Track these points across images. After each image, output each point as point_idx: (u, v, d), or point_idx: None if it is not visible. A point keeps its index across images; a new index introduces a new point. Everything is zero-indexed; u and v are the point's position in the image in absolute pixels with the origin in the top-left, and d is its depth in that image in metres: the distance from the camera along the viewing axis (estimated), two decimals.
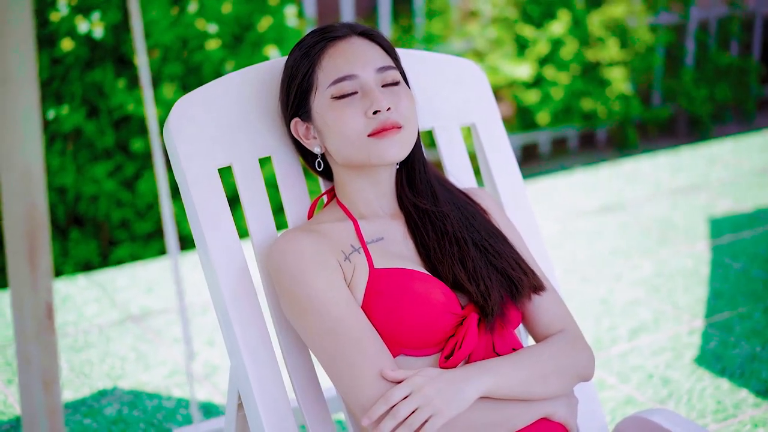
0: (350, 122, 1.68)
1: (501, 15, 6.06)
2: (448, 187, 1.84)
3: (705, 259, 3.84)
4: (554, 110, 6.14)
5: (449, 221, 1.76)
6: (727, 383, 2.94)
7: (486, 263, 1.72)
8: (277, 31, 4.44)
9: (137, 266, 3.83)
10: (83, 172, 4.33)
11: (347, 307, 1.62)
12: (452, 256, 1.71)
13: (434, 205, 1.78)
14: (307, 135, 1.78)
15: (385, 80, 1.72)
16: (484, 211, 1.85)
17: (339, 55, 1.72)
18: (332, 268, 1.65)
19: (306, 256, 1.65)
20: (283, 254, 1.67)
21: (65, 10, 4.10)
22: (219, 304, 1.78)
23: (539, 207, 4.50)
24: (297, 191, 1.89)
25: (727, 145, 5.43)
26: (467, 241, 1.74)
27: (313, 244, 1.67)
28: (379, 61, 1.73)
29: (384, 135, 1.68)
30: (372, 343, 1.61)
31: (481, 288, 1.68)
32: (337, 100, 1.70)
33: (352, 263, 1.68)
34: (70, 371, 3.00)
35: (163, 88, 4.22)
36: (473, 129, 2.09)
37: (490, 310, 1.66)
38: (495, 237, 1.78)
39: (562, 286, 3.61)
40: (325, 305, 1.62)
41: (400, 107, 1.70)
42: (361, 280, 1.67)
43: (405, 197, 1.79)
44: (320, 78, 1.72)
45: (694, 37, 6.84)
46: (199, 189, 1.79)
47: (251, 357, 1.76)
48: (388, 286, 1.65)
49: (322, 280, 1.63)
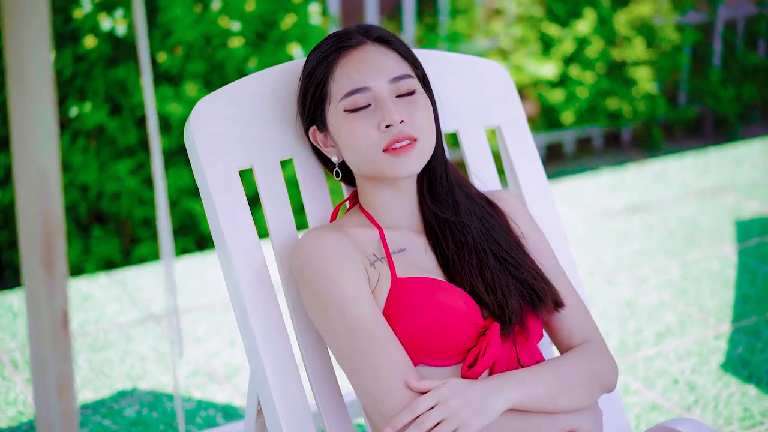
0: (363, 137, 1.65)
1: (526, 13, 6.01)
2: (470, 194, 1.81)
3: (732, 262, 3.79)
4: (579, 110, 6.08)
5: (469, 232, 1.72)
6: (755, 390, 2.89)
7: (505, 273, 1.69)
8: (300, 29, 4.41)
9: (159, 265, 3.81)
10: (106, 169, 4.32)
11: (369, 308, 1.59)
12: (471, 267, 1.68)
13: (455, 215, 1.75)
14: (326, 143, 1.75)
15: (400, 90, 1.68)
16: (506, 217, 1.81)
17: (351, 66, 1.68)
18: (357, 267, 1.62)
19: (331, 252, 1.62)
20: (308, 250, 1.64)
21: (89, 6, 4.09)
22: (238, 306, 1.75)
23: (565, 207, 4.46)
24: (319, 194, 1.86)
25: (755, 145, 5.37)
26: (487, 252, 1.71)
27: (340, 242, 1.64)
28: (393, 71, 1.68)
29: (399, 153, 1.64)
30: (396, 349, 1.58)
31: (498, 297, 1.65)
32: (351, 113, 1.67)
33: (377, 270, 1.66)
34: (90, 371, 2.99)
35: (185, 86, 4.20)
36: (498, 131, 2.06)
37: (508, 318, 1.63)
38: (515, 248, 1.75)
39: (587, 288, 3.57)
40: (350, 303, 1.59)
41: (415, 118, 1.66)
42: (384, 289, 1.64)
43: (426, 206, 1.76)
44: (333, 89, 1.69)
45: (721, 37, 6.76)
46: (219, 190, 1.77)
47: (271, 361, 1.73)
48: (410, 295, 1.62)
49: (345, 277, 1.60)
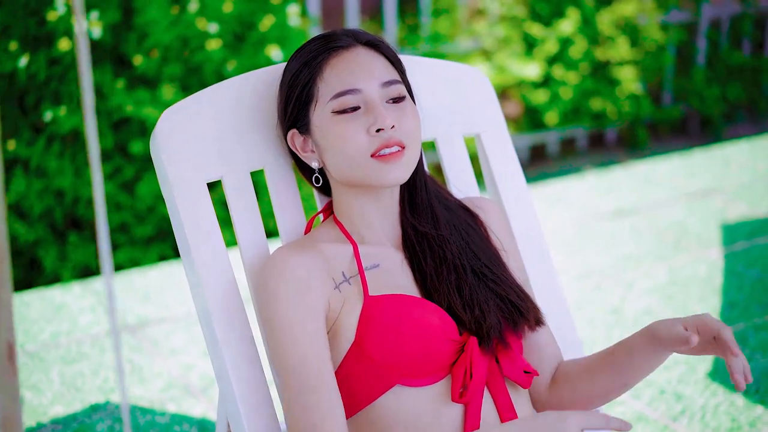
0: (352, 140, 1.58)
1: (509, 13, 5.95)
2: (449, 205, 1.74)
3: (719, 267, 3.73)
4: (563, 110, 6.03)
5: (448, 247, 1.65)
6: (742, 399, 2.83)
7: (484, 288, 1.63)
8: (279, 31, 4.33)
9: (134, 273, 3.73)
10: (81, 174, 4.23)
11: (312, 348, 1.53)
12: (449, 284, 1.61)
13: (434, 228, 1.68)
14: (305, 148, 1.67)
15: (390, 95, 1.61)
16: (485, 228, 1.75)
17: (342, 67, 1.61)
18: (314, 299, 1.55)
19: (289, 280, 1.55)
20: (267, 275, 1.58)
21: (63, 9, 4.01)
22: (206, 325, 1.68)
23: (551, 210, 4.39)
24: (291, 207, 1.78)
25: (742, 146, 5.31)
26: (465, 267, 1.64)
27: (302, 268, 1.56)
28: (384, 75, 1.62)
29: (387, 160, 1.57)
30: (330, 394, 1.52)
31: (476, 314, 1.58)
32: (339, 114, 1.59)
33: (342, 294, 1.58)
34: (62, 385, 2.90)
35: (162, 90, 4.12)
36: (478, 139, 1.99)
37: (485, 334, 1.56)
38: (495, 262, 1.69)
39: (574, 294, 3.51)
40: (292, 339, 1.53)
41: (404, 125, 1.60)
42: (355, 308, 1.57)
43: (405, 219, 1.69)
44: (321, 90, 1.61)
45: (705, 36, 6.72)
46: (186, 204, 1.69)
47: (240, 384, 1.66)
48: (384, 313, 1.55)
49: (294, 312, 1.54)
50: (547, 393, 1.74)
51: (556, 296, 1.96)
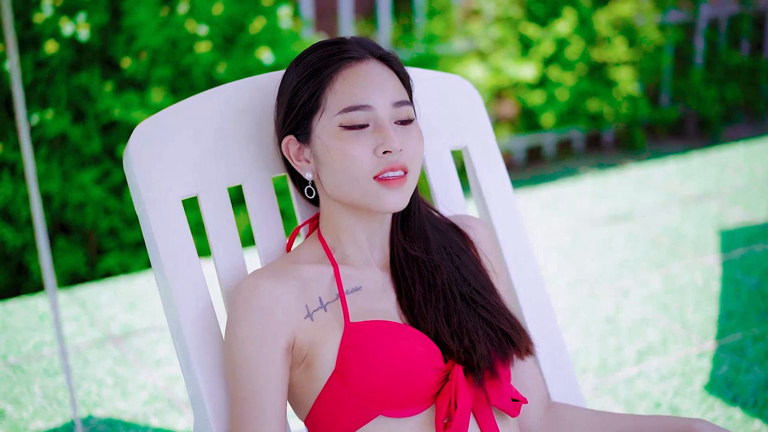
0: (357, 158, 1.50)
1: (504, 14, 5.88)
2: (439, 226, 1.68)
3: (716, 274, 3.67)
4: (559, 112, 5.96)
5: (438, 273, 1.59)
6: (740, 413, 2.76)
7: (474, 315, 1.56)
8: (270, 33, 4.27)
9: (121, 280, 3.66)
10: (69, 178, 4.17)
11: (267, 382, 1.49)
12: (437, 312, 1.55)
13: (425, 251, 1.61)
14: (299, 156, 1.59)
15: (399, 116, 1.54)
16: (475, 248, 1.68)
17: (355, 80, 1.53)
18: (280, 330, 1.50)
19: (256, 308, 1.50)
20: (236, 299, 1.53)
21: (49, 11, 3.94)
22: (181, 350, 1.61)
23: (546, 215, 4.33)
24: (270, 224, 1.72)
25: (739, 150, 5.25)
26: (455, 294, 1.57)
27: (269, 297, 1.50)
28: (396, 94, 1.55)
29: (390, 184, 1.50)
30: (273, 426, 1.49)
31: (465, 344, 1.51)
32: (345, 130, 1.51)
33: (315, 322, 1.52)
34: (43, 398, 2.84)
35: (151, 93, 4.05)
36: (465, 152, 1.92)
37: (476, 365, 1.50)
38: (485, 287, 1.62)
39: (569, 302, 3.45)
40: (248, 370, 1.49)
41: (410, 148, 1.53)
42: (335, 335, 1.51)
43: (396, 240, 1.62)
44: (330, 101, 1.53)
45: (703, 36, 6.65)
46: (160, 223, 1.62)
47: (215, 409, 1.59)
48: (365, 341, 1.49)
49: (254, 343, 1.49)
50: (540, 424, 1.68)
51: (547, 317, 1.90)
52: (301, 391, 1.54)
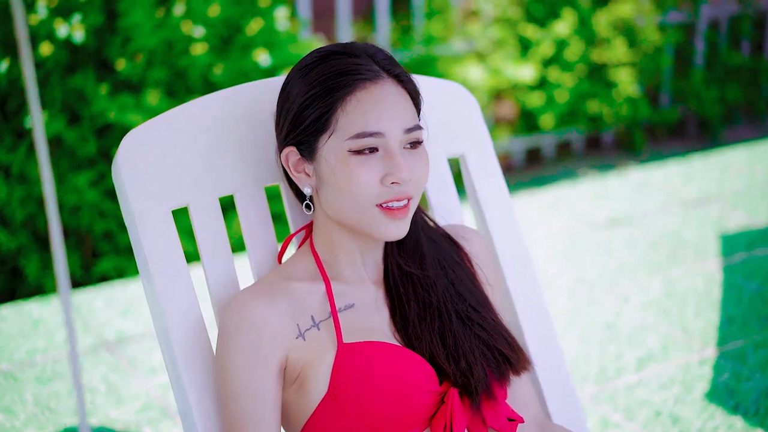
0: (363, 185, 1.45)
1: (503, 15, 5.84)
2: (434, 238, 1.63)
3: (717, 280, 3.63)
4: (559, 113, 5.92)
5: (434, 290, 1.54)
6: (741, 422, 2.73)
7: (469, 334, 1.52)
8: (267, 35, 4.23)
9: (116, 286, 3.63)
10: (64, 181, 4.13)
11: (256, 402, 1.46)
12: (432, 332, 1.50)
13: (420, 268, 1.56)
14: (298, 168, 1.53)
15: (409, 140, 1.49)
16: (470, 261, 1.64)
17: (369, 104, 1.47)
18: (271, 351, 1.46)
19: (246, 330, 1.46)
20: (223, 319, 1.49)
21: (44, 12, 3.90)
22: (171, 365, 1.57)
23: (545, 217, 4.29)
24: (263, 235, 1.68)
25: (740, 152, 5.21)
26: (450, 313, 1.53)
27: (259, 316, 1.46)
28: (408, 120, 1.49)
29: (394, 214, 1.46)
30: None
31: (461, 366, 1.47)
32: (354, 155, 1.46)
33: (307, 341, 1.48)
34: (35, 406, 2.80)
35: (147, 95, 4.02)
36: (462, 160, 1.89)
37: (474, 388, 1.46)
38: (482, 303, 1.58)
39: (568, 308, 3.41)
40: (237, 391, 1.47)
41: (417, 175, 1.49)
42: (326, 356, 1.46)
43: (392, 257, 1.57)
44: (341, 123, 1.47)
45: (703, 37, 6.61)
46: (149, 234, 1.58)
47: (205, 424, 1.56)
48: (358, 363, 1.44)
49: (244, 365, 1.46)
50: None
51: (544, 324, 1.86)
52: (293, 411, 1.50)
